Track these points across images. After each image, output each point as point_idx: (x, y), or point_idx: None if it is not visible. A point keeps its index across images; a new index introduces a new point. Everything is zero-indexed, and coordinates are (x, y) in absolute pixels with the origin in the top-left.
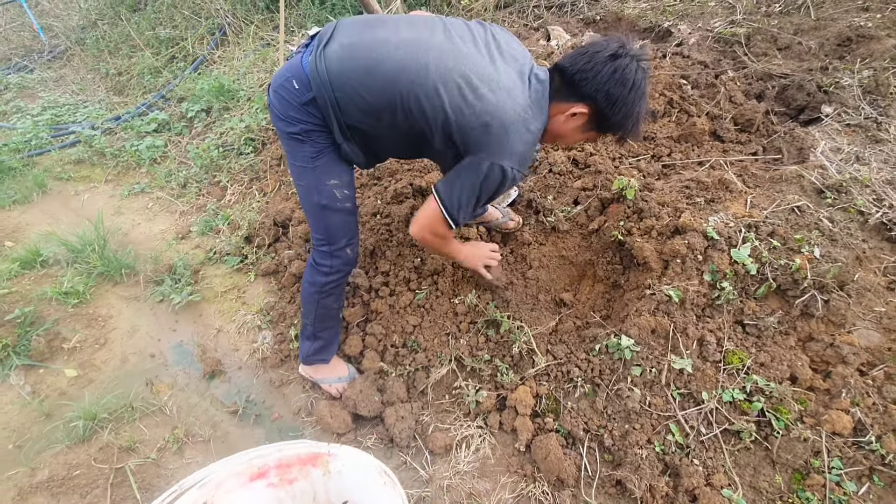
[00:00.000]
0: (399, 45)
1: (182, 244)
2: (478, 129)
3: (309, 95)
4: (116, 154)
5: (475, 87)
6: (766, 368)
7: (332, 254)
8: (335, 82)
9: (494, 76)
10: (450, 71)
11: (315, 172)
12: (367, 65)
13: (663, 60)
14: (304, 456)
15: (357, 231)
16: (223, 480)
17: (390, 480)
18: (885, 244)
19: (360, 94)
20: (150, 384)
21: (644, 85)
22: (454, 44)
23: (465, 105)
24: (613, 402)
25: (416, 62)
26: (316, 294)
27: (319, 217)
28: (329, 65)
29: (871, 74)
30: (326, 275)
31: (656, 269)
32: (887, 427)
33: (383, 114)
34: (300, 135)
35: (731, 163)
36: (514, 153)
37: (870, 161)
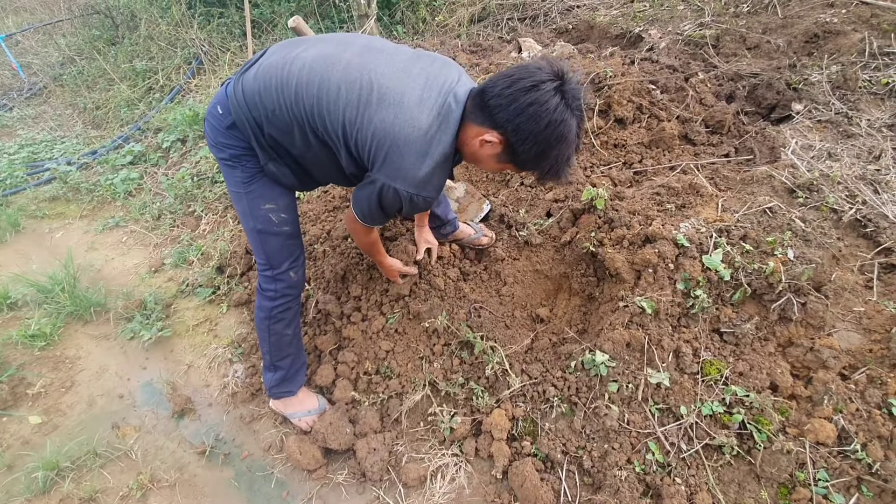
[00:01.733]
0: (312, 60)
1: (155, 278)
2: (372, 147)
3: (230, 119)
4: (91, 189)
5: (373, 101)
6: (745, 378)
7: (276, 278)
8: (250, 103)
9: (399, 91)
10: (353, 82)
11: (248, 197)
12: (278, 83)
13: (632, 67)
14: None
15: (301, 253)
16: None
17: None
18: (861, 241)
19: (274, 112)
20: (115, 427)
21: (565, 127)
22: (368, 58)
23: (363, 118)
24: (591, 422)
25: (322, 76)
26: (266, 320)
27: (258, 242)
28: (245, 86)
29: (839, 69)
30: (272, 299)
31: (629, 280)
32: (872, 434)
33: (294, 130)
34: (230, 160)
35: (703, 166)
36: (409, 178)
37: (842, 156)
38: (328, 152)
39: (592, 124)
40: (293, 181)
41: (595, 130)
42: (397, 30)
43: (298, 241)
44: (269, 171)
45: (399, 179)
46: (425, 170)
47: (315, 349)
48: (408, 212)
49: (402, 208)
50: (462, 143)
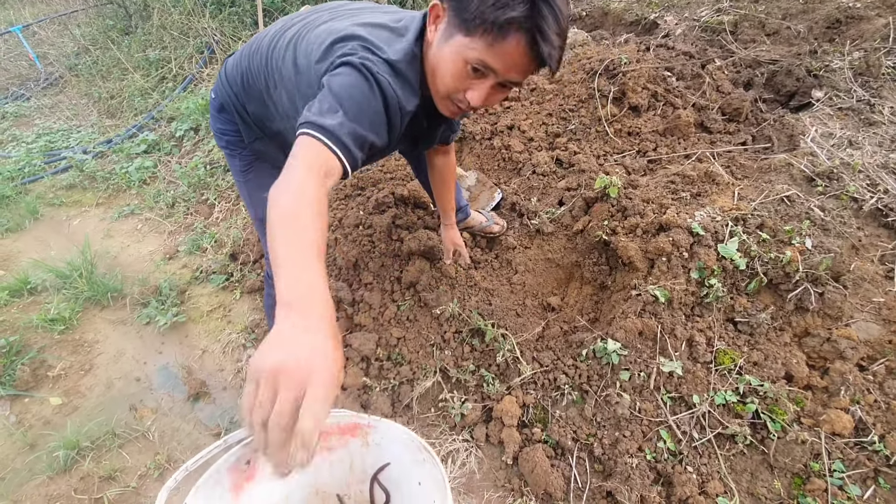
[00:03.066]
0: (282, 23)
1: (170, 265)
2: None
3: (219, 101)
4: (107, 177)
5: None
6: (760, 368)
7: None
8: (231, 79)
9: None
10: (310, 19)
11: (248, 186)
12: (250, 52)
13: (647, 53)
14: (344, 425)
15: None
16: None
17: (430, 457)
18: (881, 231)
19: (247, 81)
20: (133, 409)
21: None
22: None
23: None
24: (602, 409)
25: (282, 30)
26: (273, 308)
27: (261, 231)
28: (227, 65)
29: (861, 56)
30: None
31: (642, 269)
32: (891, 426)
33: (264, 94)
34: (227, 148)
35: (719, 154)
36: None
37: (863, 145)
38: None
39: (607, 112)
40: (280, 157)
41: (609, 118)
42: None
43: None
44: (257, 150)
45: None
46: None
47: None
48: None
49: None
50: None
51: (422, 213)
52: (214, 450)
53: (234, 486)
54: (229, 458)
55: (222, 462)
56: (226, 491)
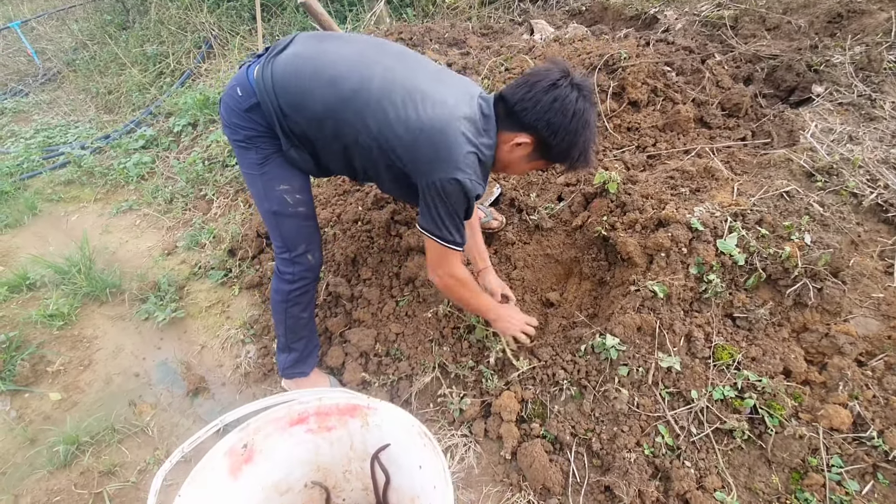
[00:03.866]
0: (347, 56)
1: (168, 260)
2: (415, 142)
3: (251, 101)
4: (105, 173)
5: (417, 102)
6: (758, 363)
7: (293, 261)
8: (278, 88)
9: (440, 94)
10: (394, 85)
11: (263, 179)
12: (312, 72)
13: (647, 48)
14: (343, 406)
15: (317, 236)
16: (263, 425)
17: (431, 444)
18: (881, 226)
19: (303, 100)
20: (132, 405)
21: (587, 114)
22: (402, 62)
23: (404, 118)
24: (601, 405)
25: (361, 74)
26: (282, 303)
27: (273, 224)
28: (274, 72)
29: (863, 50)
30: (290, 282)
31: (641, 265)
32: (889, 421)
33: (325, 122)
34: (244, 142)
35: (719, 150)
36: (461, 164)
37: (864, 140)
38: (358, 149)
39: (606, 107)
40: (312, 167)
41: (608, 114)
42: (407, 12)
43: (314, 222)
44: (290, 156)
45: (452, 168)
46: (472, 157)
47: (326, 331)
48: (471, 207)
49: (468, 203)
50: (497, 147)
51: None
52: (210, 430)
53: (233, 469)
54: (225, 442)
55: (218, 448)
56: (224, 474)
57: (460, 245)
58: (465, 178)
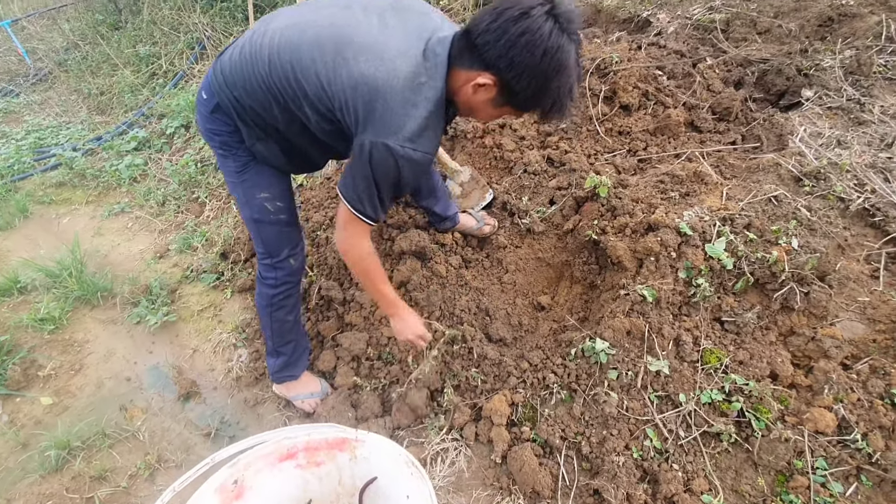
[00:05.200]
0: (284, 27)
1: (160, 263)
2: (354, 102)
3: (214, 102)
4: (97, 175)
5: (349, 56)
6: (745, 366)
7: (275, 266)
8: (228, 81)
9: (379, 44)
10: (326, 42)
11: (243, 187)
12: (251, 55)
13: (638, 52)
14: (332, 440)
15: (300, 241)
16: (253, 461)
17: (418, 472)
18: (868, 231)
19: (252, 85)
20: (123, 409)
21: (562, 53)
22: (341, 16)
23: (340, 74)
24: (591, 408)
25: (294, 42)
26: (267, 308)
27: (255, 230)
28: (223, 65)
29: (853, 54)
30: (273, 287)
31: (630, 269)
32: (873, 424)
33: (272, 102)
34: (221, 149)
35: (709, 154)
36: (400, 130)
37: (852, 144)
38: (306, 122)
39: (597, 111)
40: (283, 162)
41: (599, 117)
42: None
43: (296, 228)
44: (258, 152)
45: (388, 134)
46: (416, 120)
47: (318, 335)
48: (407, 179)
49: (399, 178)
50: (453, 93)
51: (413, 212)
52: (200, 470)
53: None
54: (216, 478)
55: (209, 484)
56: None
57: (372, 220)
58: (398, 146)
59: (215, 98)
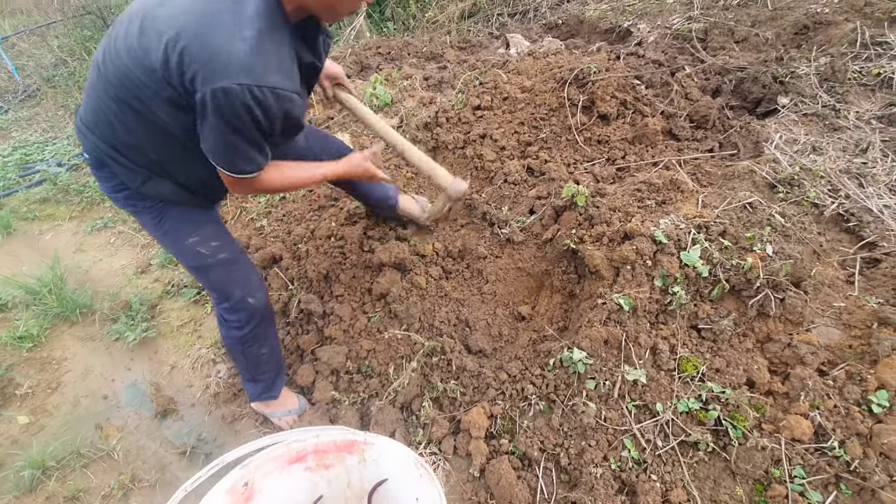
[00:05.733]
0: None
1: (142, 279)
2: (173, 53)
3: (93, 159)
4: (81, 190)
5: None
6: (722, 374)
7: (235, 308)
8: (90, 125)
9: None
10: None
11: (168, 238)
12: (92, 84)
13: (617, 62)
14: (341, 443)
15: (253, 275)
16: (263, 463)
17: (427, 473)
18: (843, 236)
19: (104, 117)
20: (99, 428)
21: None
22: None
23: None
24: (569, 419)
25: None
26: (237, 346)
27: (200, 278)
28: (82, 115)
29: (828, 61)
30: (239, 329)
31: (608, 277)
32: (850, 431)
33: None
34: (129, 206)
35: (686, 161)
36: (234, 65)
37: (827, 150)
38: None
39: (576, 121)
40: (185, 195)
41: (579, 127)
42: (388, 26)
43: (244, 264)
44: (152, 193)
45: (222, 75)
46: (248, 45)
47: (297, 348)
48: (266, 121)
49: (256, 121)
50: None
51: (393, 223)
52: (212, 470)
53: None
54: (227, 480)
55: (220, 486)
56: None
57: (255, 171)
58: (235, 86)
59: (91, 154)
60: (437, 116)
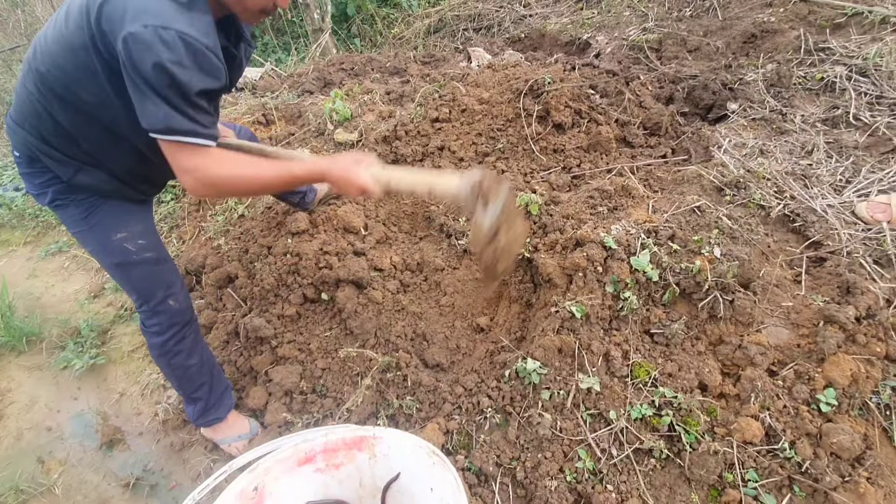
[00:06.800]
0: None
1: (94, 303)
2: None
3: (24, 156)
4: (36, 214)
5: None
6: (674, 378)
7: (154, 311)
8: (19, 121)
9: None
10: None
11: (94, 232)
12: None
13: (572, 73)
14: (350, 440)
15: (176, 278)
16: (272, 466)
17: (440, 460)
18: (790, 236)
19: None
20: (41, 462)
21: None
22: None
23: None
24: (525, 431)
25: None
26: (162, 357)
27: (121, 277)
28: (11, 113)
29: (774, 67)
30: (160, 334)
31: (561, 285)
32: (800, 431)
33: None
34: (57, 200)
35: (638, 168)
36: (155, 10)
37: (774, 153)
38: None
39: (531, 130)
40: (116, 185)
41: (534, 136)
42: (355, 43)
43: (169, 265)
44: (83, 182)
45: (132, 21)
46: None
47: (251, 370)
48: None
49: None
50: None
51: (352, 238)
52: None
53: None
54: (237, 484)
55: (229, 490)
56: None
57: (202, 136)
58: (160, 27)
59: (21, 150)
60: (395, 130)
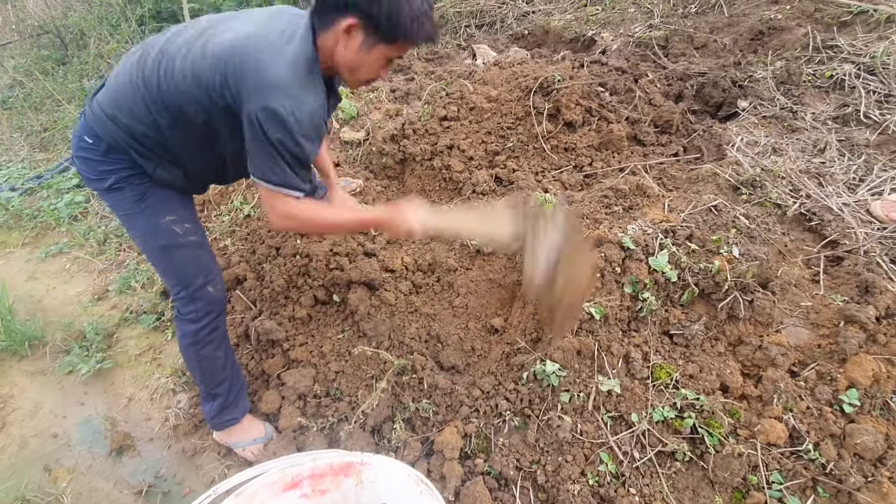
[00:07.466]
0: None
1: (98, 306)
2: (222, 73)
3: (104, 143)
4: (35, 215)
5: (208, 33)
6: (695, 380)
7: (193, 297)
8: (110, 114)
9: (239, 21)
10: (190, 38)
11: (145, 214)
12: (127, 77)
13: (581, 70)
14: (337, 465)
15: (214, 266)
16: (258, 490)
17: (427, 489)
18: (806, 235)
19: (134, 108)
20: (48, 470)
21: None
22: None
23: (204, 50)
24: (545, 434)
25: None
26: (192, 346)
27: (164, 260)
28: (100, 101)
29: (783, 65)
30: (195, 321)
31: None
32: (824, 433)
33: (159, 119)
34: (116, 184)
35: (651, 166)
36: (278, 86)
37: (787, 151)
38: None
39: (542, 129)
40: (186, 183)
41: (545, 135)
42: None
43: (209, 252)
44: (160, 177)
45: (268, 94)
46: (288, 70)
47: (263, 374)
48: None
49: (295, 138)
50: (330, 56)
51: (362, 239)
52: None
53: None
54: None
55: None
56: None
57: (297, 190)
58: (281, 106)
59: (104, 139)
60: (403, 128)
